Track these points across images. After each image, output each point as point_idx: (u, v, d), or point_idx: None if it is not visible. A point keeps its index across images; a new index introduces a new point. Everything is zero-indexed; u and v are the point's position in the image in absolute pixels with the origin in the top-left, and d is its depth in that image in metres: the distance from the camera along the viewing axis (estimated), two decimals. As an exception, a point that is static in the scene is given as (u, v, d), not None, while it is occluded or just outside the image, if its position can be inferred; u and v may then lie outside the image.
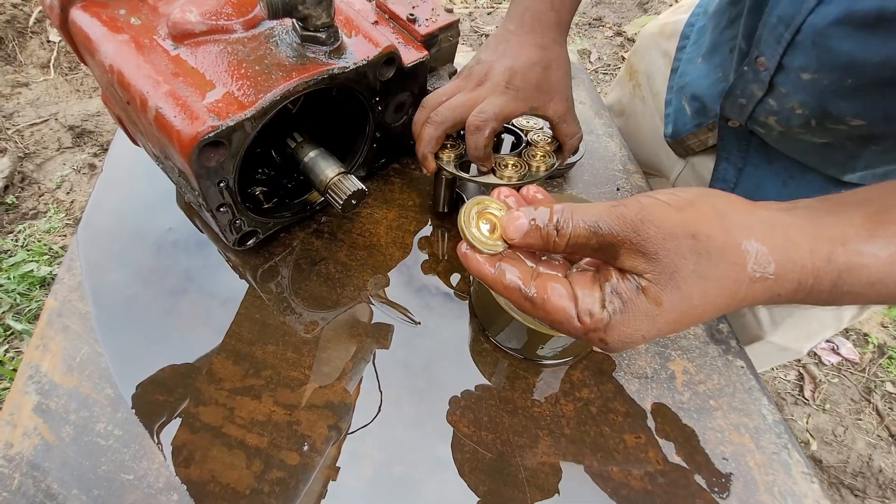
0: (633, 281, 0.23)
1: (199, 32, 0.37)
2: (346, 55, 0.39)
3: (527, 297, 0.25)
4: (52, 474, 0.35)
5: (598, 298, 0.24)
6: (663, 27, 0.58)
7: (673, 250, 0.22)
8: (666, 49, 0.57)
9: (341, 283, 0.45)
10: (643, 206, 0.23)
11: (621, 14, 2.08)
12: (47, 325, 0.42)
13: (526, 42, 0.42)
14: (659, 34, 0.59)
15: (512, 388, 0.40)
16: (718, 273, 0.22)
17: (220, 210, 0.39)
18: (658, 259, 0.22)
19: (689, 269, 0.22)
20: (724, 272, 0.22)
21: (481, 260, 0.26)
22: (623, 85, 0.66)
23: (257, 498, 0.35)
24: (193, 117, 0.32)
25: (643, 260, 0.22)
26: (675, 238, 0.22)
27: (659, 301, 0.23)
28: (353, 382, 0.40)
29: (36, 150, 1.46)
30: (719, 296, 0.23)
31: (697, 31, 0.52)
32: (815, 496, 0.35)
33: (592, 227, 0.23)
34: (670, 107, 0.54)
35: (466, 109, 0.40)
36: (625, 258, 0.23)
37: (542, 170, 0.43)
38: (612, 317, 0.23)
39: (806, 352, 0.58)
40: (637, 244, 0.22)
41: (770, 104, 0.40)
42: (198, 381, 0.39)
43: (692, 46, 0.52)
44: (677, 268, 0.22)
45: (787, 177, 0.43)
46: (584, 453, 0.37)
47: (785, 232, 0.23)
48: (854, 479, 1.08)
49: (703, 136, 0.50)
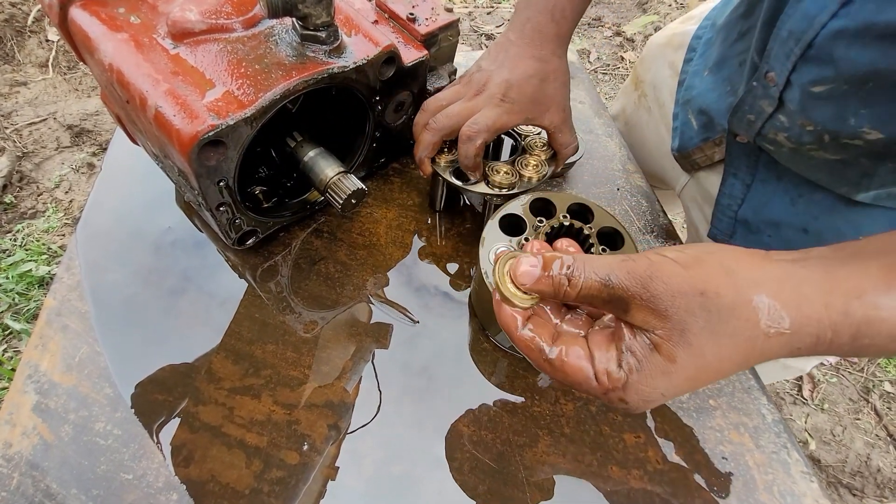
0: (645, 337, 0.23)
1: (198, 31, 0.36)
2: (345, 54, 0.39)
3: (547, 359, 0.25)
4: (51, 474, 0.35)
5: (615, 357, 0.24)
6: (671, 38, 0.58)
7: (682, 307, 0.22)
8: (673, 60, 0.56)
9: (341, 283, 0.45)
10: (652, 263, 0.23)
11: (620, 14, 2.08)
12: (46, 324, 0.41)
13: (524, 54, 0.43)
14: (666, 45, 0.58)
15: (511, 387, 0.40)
16: (731, 330, 0.22)
17: (219, 209, 0.39)
18: (668, 316, 0.22)
19: (699, 326, 0.22)
20: (737, 329, 0.22)
21: (512, 314, 0.26)
22: (628, 94, 0.66)
23: (257, 497, 0.34)
24: (193, 116, 0.32)
25: (653, 316, 0.23)
26: (684, 295, 0.22)
27: (672, 358, 0.22)
28: (353, 382, 0.40)
29: (34, 150, 1.46)
30: (735, 352, 0.23)
31: (705, 43, 0.51)
32: (815, 495, 0.35)
33: (603, 280, 0.23)
34: (677, 120, 0.53)
35: (462, 119, 0.41)
36: (636, 313, 0.23)
37: (535, 180, 0.44)
38: (630, 376, 0.23)
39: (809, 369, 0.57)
40: (647, 300, 0.22)
41: (780, 120, 0.39)
42: (197, 380, 0.39)
43: (699, 59, 0.51)
44: (687, 325, 0.22)
45: (797, 195, 0.43)
46: (583, 452, 0.37)
47: (797, 286, 0.23)
48: (852, 479, 1.08)
49: (710, 151, 0.49)
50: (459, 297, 0.45)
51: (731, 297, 0.22)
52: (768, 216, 0.44)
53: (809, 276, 0.23)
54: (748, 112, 0.42)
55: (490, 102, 0.41)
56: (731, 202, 0.47)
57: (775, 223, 0.44)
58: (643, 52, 0.63)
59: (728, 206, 0.47)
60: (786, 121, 0.39)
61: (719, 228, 0.48)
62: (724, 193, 0.48)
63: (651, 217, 0.52)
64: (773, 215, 0.44)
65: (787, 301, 0.22)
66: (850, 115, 0.34)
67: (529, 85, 0.42)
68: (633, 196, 0.53)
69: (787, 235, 0.43)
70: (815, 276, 0.23)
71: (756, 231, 0.45)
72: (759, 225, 0.45)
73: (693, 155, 0.51)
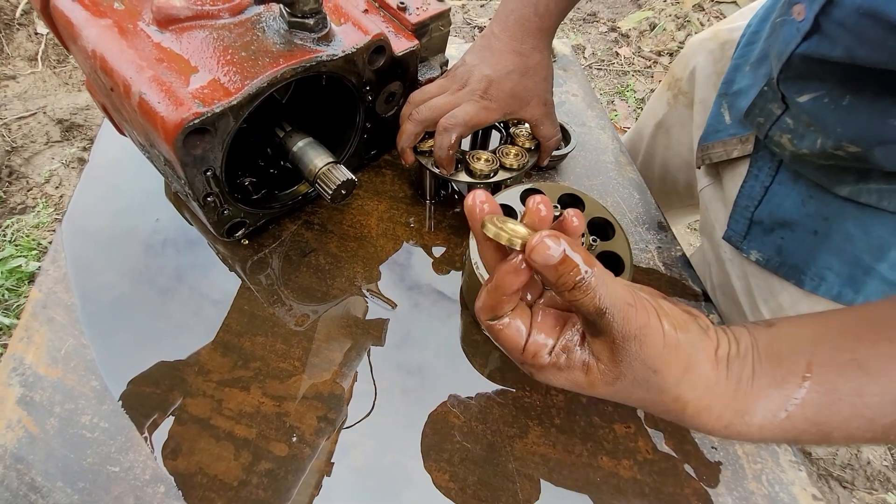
0: (587, 356, 0.25)
1: (184, 18, 0.36)
2: (334, 42, 0.38)
3: (489, 323, 0.26)
4: (37, 467, 0.34)
5: (549, 346, 0.25)
6: (716, 33, 0.57)
7: (635, 371, 0.24)
8: (718, 56, 0.55)
9: (331, 275, 0.45)
10: (647, 326, 0.23)
11: (615, 10, 2.08)
12: (32, 316, 0.41)
13: (506, 48, 0.44)
14: (711, 39, 0.57)
15: (503, 378, 0.40)
16: (651, 399, 0.25)
17: (206, 200, 0.39)
18: (620, 367, 0.24)
19: (630, 386, 0.24)
20: (655, 401, 0.25)
21: (487, 252, 0.26)
22: (660, 98, 0.65)
23: (245, 489, 0.34)
24: (178, 103, 0.32)
25: (609, 356, 0.24)
26: (644, 366, 0.24)
27: (594, 385, 0.25)
28: (343, 373, 0.40)
29: (24, 144, 1.44)
30: (644, 399, 0.25)
31: (749, 35, 0.50)
32: (803, 484, 0.35)
33: (600, 309, 0.23)
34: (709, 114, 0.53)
35: (444, 111, 0.43)
36: (600, 344, 0.24)
37: (516, 167, 0.44)
38: (552, 368, 0.25)
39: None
40: (617, 347, 0.23)
41: (787, 122, 0.41)
42: (185, 372, 0.39)
43: (741, 51, 0.50)
44: (624, 379, 0.24)
45: (807, 196, 0.43)
46: (573, 443, 0.37)
47: (728, 404, 0.25)
48: (843, 471, 1.09)
49: (730, 147, 0.49)
50: (451, 289, 0.45)
51: (673, 390, 0.24)
52: (781, 217, 0.45)
53: (741, 389, 0.25)
54: (758, 114, 0.43)
55: (471, 98, 0.43)
56: (749, 203, 0.47)
57: (788, 224, 0.44)
58: (681, 52, 0.63)
59: (746, 207, 0.47)
60: (791, 123, 0.40)
61: (734, 230, 0.48)
62: (743, 195, 0.48)
63: (643, 209, 0.52)
64: (785, 216, 0.44)
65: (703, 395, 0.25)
66: (831, 130, 0.35)
67: (509, 80, 0.43)
68: (625, 188, 0.53)
69: (799, 237, 0.43)
70: (751, 388, 0.25)
71: (769, 231, 0.45)
72: (773, 226, 0.45)
73: (711, 149, 0.51)
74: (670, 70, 0.64)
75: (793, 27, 0.36)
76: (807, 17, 0.34)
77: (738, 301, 0.49)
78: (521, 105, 0.44)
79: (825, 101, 0.36)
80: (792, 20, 0.36)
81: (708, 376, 0.25)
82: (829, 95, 0.36)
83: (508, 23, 0.44)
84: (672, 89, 0.63)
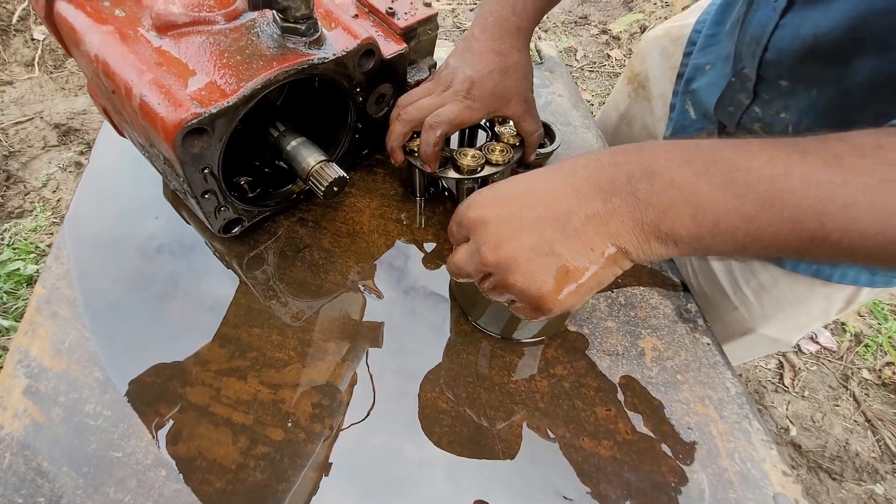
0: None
1: (181, 24, 0.38)
2: (325, 46, 0.40)
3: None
4: (43, 453, 0.36)
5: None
6: (668, 30, 0.60)
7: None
8: (670, 51, 0.58)
9: (325, 269, 0.47)
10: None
11: (607, 12, 2.11)
12: (36, 311, 0.42)
13: (486, 49, 0.45)
14: (663, 36, 0.60)
15: (489, 366, 0.42)
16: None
17: (204, 197, 0.40)
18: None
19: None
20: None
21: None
22: (621, 91, 0.68)
23: (243, 472, 0.36)
24: (177, 105, 0.34)
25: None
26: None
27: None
28: (336, 362, 0.41)
29: (21, 149, 1.45)
30: (548, 170, 0.30)
31: (705, 38, 0.53)
32: (773, 461, 0.37)
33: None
34: (674, 111, 0.56)
35: (430, 111, 0.45)
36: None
37: (502, 162, 0.46)
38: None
39: (795, 342, 0.60)
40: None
41: (756, 111, 0.43)
42: (184, 363, 0.41)
43: (700, 52, 0.53)
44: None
45: None
46: (557, 425, 0.39)
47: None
48: (832, 464, 1.11)
49: None
50: (440, 282, 0.47)
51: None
52: None
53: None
54: (728, 104, 0.45)
55: (455, 98, 0.44)
56: None
57: None
58: (638, 47, 0.66)
59: None
60: (760, 111, 0.42)
61: None
62: None
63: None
64: None
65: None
66: (804, 115, 0.38)
67: (490, 80, 0.45)
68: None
69: None
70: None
71: None
72: None
73: None
74: (629, 65, 0.67)
75: (768, 8, 0.38)
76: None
77: (718, 282, 0.51)
78: (503, 103, 0.46)
79: (800, 87, 0.38)
80: (767, 2, 0.38)
81: None
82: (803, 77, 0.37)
83: (487, 24, 0.46)
84: (632, 83, 0.65)
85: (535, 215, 0.29)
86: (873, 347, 1.27)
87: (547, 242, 0.28)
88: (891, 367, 1.23)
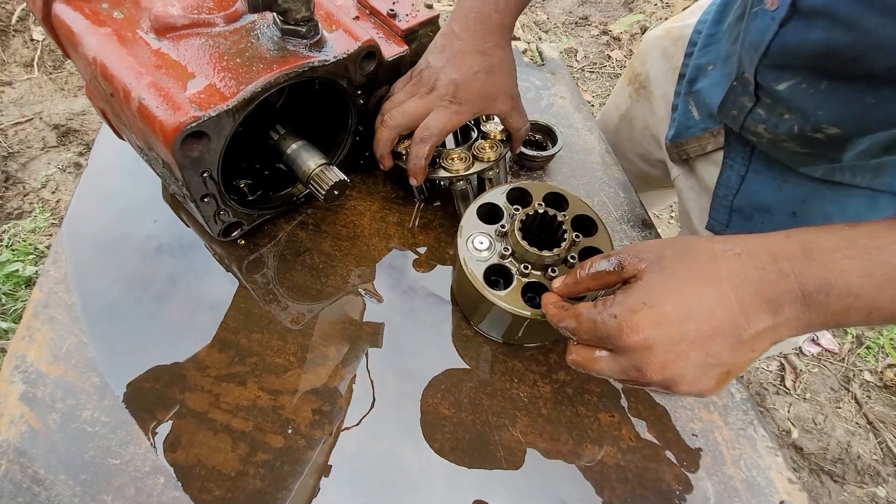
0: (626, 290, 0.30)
1: (180, 26, 0.37)
2: (326, 48, 0.40)
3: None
4: (39, 460, 0.35)
5: (591, 306, 0.31)
6: (668, 31, 0.59)
7: (656, 250, 0.30)
8: (671, 52, 0.58)
9: (325, 273, 0.46)
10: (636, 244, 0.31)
11: (607, 13, 2.10)
12: (33, 316, 0.42)
13: (469, 48, 0.44)
14: (664, 37, 0.60)
15: (491, 371, 0.41)
16: (692, 255, 0.29)
17: (203, 200, 0.40)
18: (645, 260, 0.30)
19: (669, 256, 0.30)
20: (698, 252, 0.29)
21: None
22: (621, 91, 0.68)
23: (242, 479, 0.35)
24: (176, 108, 0.33)
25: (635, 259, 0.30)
26: (655, 245, 0.30)
27: (645, 282, 0.29)
28: (336, 367, 0.41)
29: (20, 150, 1.45)
30: (702, 271, 0.29)
31: (705, 37, 0.53)
32: (779, 468, 0.37)
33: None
34: (676, 111, 0.55)
35: (416, 116, 0.44)
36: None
37: (492, 158, 0.46)
38: (614, 318, 0.29)
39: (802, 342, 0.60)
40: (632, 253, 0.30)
41: (759, 113, 0.43)
42: (183, 368, 0.40)
43: (701, 52, 0.53)
44: (662, 256, 0.30)
45: (783, 181, 0.45)
46: (560, 432, 0.38)
47: (751, 238, 0.29)
48: (833, 466, 1.11)
49: (705, 142, 0.51)
50: (441, 285, 0.46)
51: (690, 239, 0.30)
52: (760, 202, 0.47)
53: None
54: (731, 108, 0.45)
55: (441, 103, 0.44)
56: (728, 192, 0.49)
57: (766, 209, 0.46)
58: (638, 48, 0.65)
59: (725, 196, 0.49)
60: (763, 114, 0.42)
61: (716, 219, 0.50)
62: (721, 185, 0.50)
63: (628, 207, 0.53)
64: (763, 201, 0.47)
65: (738, 239, 0.29)
66: (810, 114, 0.37)
67: (476, 81, 0.44)
68: (610, 187, 0.55)
69: (778, 220, 0.46)
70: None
71: (749, 218, 0.47)
72: (752, 212, 0.47)
73: (686, 144, 0.53)
74: (630, 65, 0.67)
75: (766, 17, 0.37)
76: (780, 6, 0.36)
77: None
78: (489, 102, 0.45)
79: (803, 87, 0.38)
80: (765, 11, 0.38)
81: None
82: (807, 81, 0.37)
83: (469, 21, 0.45)
84: (633, 83, 0.65)
85: (701, 335, 0.28)
86: (875, 349, 1.27)
87: (714, 356, 0.28)
88: (892, 368, 1.23)
